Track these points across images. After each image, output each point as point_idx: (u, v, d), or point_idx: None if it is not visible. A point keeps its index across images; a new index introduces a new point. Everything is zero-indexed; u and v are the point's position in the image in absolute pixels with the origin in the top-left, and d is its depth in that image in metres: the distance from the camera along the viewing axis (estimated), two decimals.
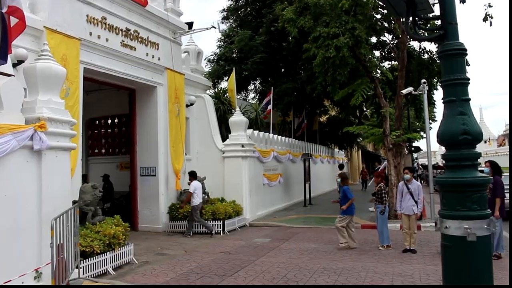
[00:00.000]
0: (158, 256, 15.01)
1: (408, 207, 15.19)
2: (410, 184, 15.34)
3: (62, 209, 10.58)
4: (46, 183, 10.77)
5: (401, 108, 23.80)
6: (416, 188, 15.29)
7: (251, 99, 45.49)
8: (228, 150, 22.91)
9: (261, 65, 36.95)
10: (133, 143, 21.10)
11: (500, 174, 14.12)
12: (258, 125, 30.08)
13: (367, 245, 16.02)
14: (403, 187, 15.42)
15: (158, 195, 20.28)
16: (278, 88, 36.15)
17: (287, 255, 14.72)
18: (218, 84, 40.91)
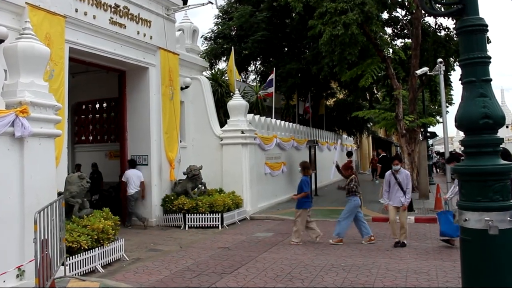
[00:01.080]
0: (151, 252, 15.05)
1: (396, 198, 15.44)
2: (398, 174, 15.54)
3: (46, 201, 10.56)
4: (28, 173, 10.75)
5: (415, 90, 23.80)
6: (405, 177, 15.51)
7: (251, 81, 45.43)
8: (227, 137, 22.90)
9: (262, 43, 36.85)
10: (123, 130, 21.09)
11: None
12: (259, 110, 30.01)
13: (379, 240, 16.03)
14: (391, 177, 15.61)
15: (150, 186, 20.28)
16: (281, 69, 36.04)
17: (291, 250, 14.75)
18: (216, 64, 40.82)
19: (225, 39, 39.59)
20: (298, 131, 32.43)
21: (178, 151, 21.36)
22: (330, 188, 35.72)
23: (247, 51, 38.45)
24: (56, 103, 11.76)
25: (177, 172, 20.99)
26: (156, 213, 20.19)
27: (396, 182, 15.44)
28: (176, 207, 19.64)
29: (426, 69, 22.05)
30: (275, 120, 28.11)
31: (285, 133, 29.28)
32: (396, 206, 15.46)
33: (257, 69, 44.91)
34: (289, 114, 40.52)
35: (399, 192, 15.41)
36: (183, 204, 19.45)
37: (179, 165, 21.19)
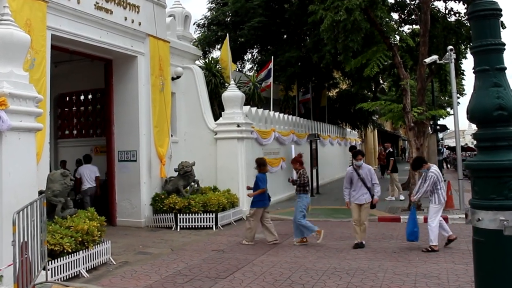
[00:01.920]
0: (139, 255, 15.02)
1: (360, 196, 15.58)
2: (361, 169, 15.70)
3: (26, 200, 10.51)
4: (7, 170, 10.69)
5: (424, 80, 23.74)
6: (368, 172, 15.70)
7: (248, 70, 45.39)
8: (222, 131, 22.87)
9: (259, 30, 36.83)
10: (110, 123, 21.05)
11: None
12: (256, 101, 29.96)
13: (385, 241, 16.04)
14: (353, 173, 15.75)
15: (139, 184, 20.27)
16: (280, 58, 35.99)
17: (291, 253, 14.75)
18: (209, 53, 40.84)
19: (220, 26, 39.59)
20: (299, 124, 32.41)
21: (169, 146, 21.34)
22: (333, 186, 35.77)
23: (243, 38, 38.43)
24: (37, 95, 11.70)
25: (168, 169, 20.96)
26: (145, 213, 20.17)
27: (359, 178, 15.58)
28: (167, 207, 19.58)
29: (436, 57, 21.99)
30: (274, 113, 28.07)
31: (284, 127, 29.26)
32: (360, 204, 15.62)
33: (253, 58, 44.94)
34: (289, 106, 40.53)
35: (362, 188, 15.57)
36: (175, 203, 19.41)
37: (170, 161, 21.16)
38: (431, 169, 15.18)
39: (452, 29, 26.32)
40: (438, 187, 14.98)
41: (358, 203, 15.58)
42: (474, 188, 5.61)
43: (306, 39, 38.69)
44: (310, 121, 36.40)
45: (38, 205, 10.65)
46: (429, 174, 15.00)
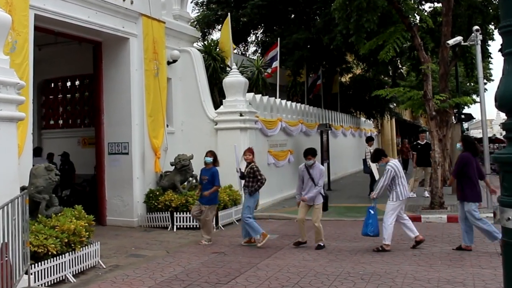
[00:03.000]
0: (132, 258, 15.02)
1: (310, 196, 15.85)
2: (312, 169, 15.93)
3: (6, 197, 10.51)
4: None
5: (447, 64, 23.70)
6: (318, 173, 15.92)
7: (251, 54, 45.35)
8: (222, 120, 22.87)
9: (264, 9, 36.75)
10: (99, 112, 21.04)
11: (475, 151, 15.44)
12: (260, 88, 29.93)
13: (404, 243, 15.99)
14: (304, 172, 16.04)
15: (131, 179, 20.29)
16: (287, 40, 35.92)
17: (300, 256, 14.72)
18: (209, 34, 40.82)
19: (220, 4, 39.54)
20: (308, 113, 32.37)
21: (165, 137, 21.34)
22: (346, 181, 35.78)
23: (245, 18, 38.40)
24: (19, 81, 11.69)
25: (163, 163, 20.98)
26: (138, 212, 20.20)
27: (309, 177, 15.84)
28: (162, 204, 19.60)
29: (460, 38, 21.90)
30: (280, 100, 28.06)
31: (292, 116, 29.25)
32: (309, 204, 15.94)
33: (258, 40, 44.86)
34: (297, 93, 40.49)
35: (313, 188, 15.79)
36: (171, 200, 19.42)
37: (165, 154, 21.17)
38: (389, 163, 15.49)
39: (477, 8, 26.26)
40: (397, 183, 15.23)
41: (308, 204, 15.94)
42: (503, 184, 5.57)
43: (316, 19, 38.67)
44: (320, 109, 36.37)
45: (20, 202, 10.65)
46: (387, 167, 15.34)
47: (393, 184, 15.21)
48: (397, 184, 15.18)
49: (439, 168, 21.24)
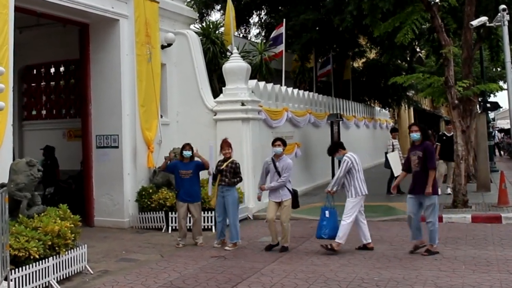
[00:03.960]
0: (122, 262, 15.04)
1: (276, 192, 15.97)
2: (278, 161, 16.05)
3: None
4: None
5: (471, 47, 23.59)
6: (285, 166, 16.04)
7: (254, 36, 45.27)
8: (222, 110, 22.82)
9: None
10: (86, 102, 21.01)
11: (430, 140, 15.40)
12: (264, 74, 29.82)
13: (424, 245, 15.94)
14: (270, 165, 16.15)
15: (122, 176, 20.28)
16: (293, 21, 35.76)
17: (308, 260, 14.70)
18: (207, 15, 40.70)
19: None
20: (317, 102, 32.30)
21: (158, 129, 21.32)
22: None
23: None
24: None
25: (156, 157, 20.95)
26: (130, 211, 20.20)
27: (275, 171, 15.91)
28: (156, 203, 19.58)
29: (485, 18, 21.76)
30: (286, 88, 28.00)
31: (300, 105, 29.20)
32: (276, 201, 15.97)
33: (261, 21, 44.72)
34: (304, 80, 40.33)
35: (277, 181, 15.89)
36: (165, 199, 19.40)
37: (159, 148, 21.14)
38: (346, 154, 15.74)
39: None
40: (355, 177, 15.44)
41: (275, 201, 15.99)
42: None
43: None
44: (331, 98, 36.29)
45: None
46: (343, 158, 15.58)
47: (351, 178, 15.40)
48: (355, 178, 15.38)
49: (462, 162, 21.17)
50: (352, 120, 40.52)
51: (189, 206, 16.97)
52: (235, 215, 16.64)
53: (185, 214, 17.13)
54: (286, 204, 15.83)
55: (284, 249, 15.67)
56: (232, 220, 16.56)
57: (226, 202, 16.54)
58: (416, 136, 15.08)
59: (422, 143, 15.03)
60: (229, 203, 16.54)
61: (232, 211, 16.58)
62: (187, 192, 16.95)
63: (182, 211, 17.06)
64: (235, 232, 16.56)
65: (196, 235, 17.08)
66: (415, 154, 14.99)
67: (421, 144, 15.02)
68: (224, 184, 16.59)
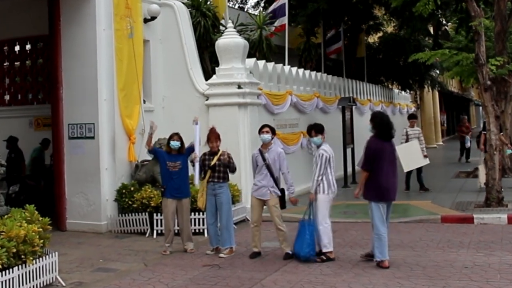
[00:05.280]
0: (99, 273, 15.00)
1: (263, 188, 15.87)
2: (268, 152, 15.97)
3: None
4: None
5: (505, 19, 23.55)
6: (276, 157, 15.94)
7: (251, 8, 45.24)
8: (216, 94, 22.79)
9: None
10: (57, 85, 20.93)
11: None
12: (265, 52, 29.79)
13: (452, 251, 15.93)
14: (258, 157, 16.07)
15: (99, 171, 20.25)
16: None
17: (317, 269, 14.64)
18: None
19: None
20: (326, 84, 32.28)
21: (141, 116, 21.29)
22: None
23: None
24: None
25: (139, 149, 20.95)
26: (108, 213, 20.19)
27: (264, 164, 15.82)
28: (139, 203, 19.52)
29: None
30: (290, 68, 27.98)
31: (305, 88, 29.20)
32: (263, 199, 15.89)
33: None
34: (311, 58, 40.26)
35: (267, 179, 15.79)
36: (149, 198, 19.37)
37: (142, 138, 21.06)
38: (322, 146, 15.47)
39: None
40: (329, 171, 15.28)
41: (261, 198, 15.91)
42: None
43: None
44: (342, 79, 36.28)
45: None
46: (320, 152, 15.31)
47: (324, 172, 15.21)
48: (329, 172, 15.24)
49: (496, 153, 21.09)
50: (367, 105, 40.52)
51: (178, 205, 16.94)
52: (228, 216, 16.57)
53: (174, 215, 17.07)
54: (273, 203, 15.79)
55: (288, 256, 15.57)
56: (225, 222, 16.47)
57: (218, 201, 16.44)
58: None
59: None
60: (221, 202, 16.45)
61: (225, 211, 16.50)
62: (176, 186, 16.89)
63: (170, 210, 16.97)
64: (228, 236, 16.47)
65: (186, 240, 17.00)
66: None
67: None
68: (215, 181, 16.49)
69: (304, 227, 15.24)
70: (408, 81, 51.30)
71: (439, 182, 29.11)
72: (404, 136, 26.26)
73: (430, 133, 62.93)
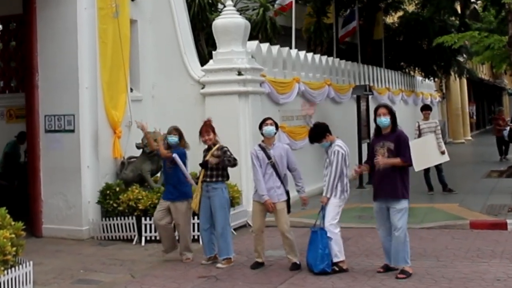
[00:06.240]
0: (80, 285, 15.03)
1: (270, 190, 15.68)
2: (272, 148, 15.88)
3: None
4: None
5: None
6: (283, 153, 15.86)
7: None
8: (213, 82, 22.81)
9: None
10: (32, 71, 20.95)
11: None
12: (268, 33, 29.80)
13: (483, 261, 15.91)
14: (260, 153, 15.93)
15: (79, 169, 20.24)
16: None
17: (328, 281, 14.61)
18: None
19: None
20: (338, 71, 32.30)
21: (128, 107, 21.28)
22: None
23: None
24: None
25: (125, 144, 20.98)
26: (90, 217, 20.19)
27: (268, 162, 15.69)
28: (125, 206, 19.50)
29: None
30: (297, 52, 27.98)
31: (315, 74, 29.22)
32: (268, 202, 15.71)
33: None
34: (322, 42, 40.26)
35: (272, 179, 15.66)
36: (137, 200, 19.34)
37: (129, 132, 21.10)
38: (336, 143, 15.31)
39: None
40: (345, 173, 15.15)
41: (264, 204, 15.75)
42: None
43: None
44: (356, 65, 36.30)
45: None
46: (335, 149, 15.10)
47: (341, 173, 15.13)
48: (344, 175, 15.11)
49: None
50: (386, 94, 40.52)
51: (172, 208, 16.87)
52: (224, 223, 16.35)
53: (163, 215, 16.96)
54: (281, 207, 15.63)
55: (295, 266, 15.51)
56: (221, 229, 16.26)
57: (212, 204, 16.30)
58: (385, 122, 14.86)
59: (394, 131, 14.95)
60: (214, 206, 16.27)
61: (219, 217, 16.27)
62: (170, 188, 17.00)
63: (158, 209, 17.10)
64: (225, 245, 16.28)
65: (183, 250, 16.98)
66: (384, 146, 14.77)
67: (393, 133, 14.93)
68: (207, 180, 16.39)
69: (316, 236, 15.12)
70: (432, 67, 51.32)
71: (468, 182, 29.14)
72: (417, 131, 26.05)
73: (458, 127, 62.94)
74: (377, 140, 15.07)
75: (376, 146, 14.94)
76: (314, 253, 15.01)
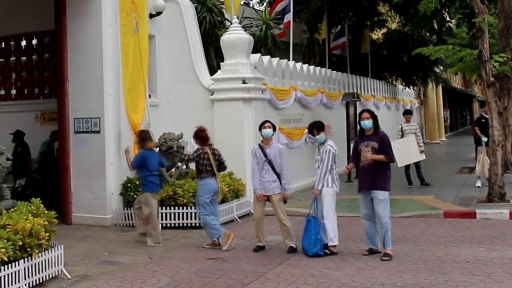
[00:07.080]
0: (105, 266, 14.99)
1: (267, 184, 15.88)
2: (269, 147, 15.99)
3: None
4: None
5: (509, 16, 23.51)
6: (277, 153, 15.92)
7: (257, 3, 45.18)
8: (221, 89, 22.80)
9: None
10: (63, 80, 20.88)
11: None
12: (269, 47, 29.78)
13: (454, 246, 15.91)
14: (258, 151, 16.09)
15: (104, 165, 20.20)
16: None
17: (320, 263, 14.62)
18: None
19: None
20: (330, 80, 32.25)
21: (146, 111, 21.24)
22: None
23: None
24: None
25: None
26: (113, 206, 20.17)
27: (265, 160, 15.82)
28: None
29: None
30: (294, 64, 27.94)
31: (310, 83, 29.17)
32: (265, 194, 15.91)
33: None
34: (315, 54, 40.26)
35: (269, 174, 15.79)
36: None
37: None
38: (328, 142, 15.55)
39: None
40: (333, 167, 15.39)
41: (264, 194, 15.89)
42: None
43: None
44: (346, 75, 36.24)
45: None
46: (327, 148, 15.39)
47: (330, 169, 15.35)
48: (333, 168, 15.38)
49: (499, 149, 21.08)
50: (371, 101, 40.43)
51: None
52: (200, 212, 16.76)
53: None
54: (277, 199, 15.80)
55: (291, 249, 15.62)
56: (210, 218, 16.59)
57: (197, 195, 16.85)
58: (368, 125, 15.11)
59: (377, 133, 15.21)
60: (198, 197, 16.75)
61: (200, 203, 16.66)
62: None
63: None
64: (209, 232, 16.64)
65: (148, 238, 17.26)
66: (368, 145, 15.01)
67: (376, 134, 15.18)
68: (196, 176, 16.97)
69: (310, 223, 15.32)
70: (412, 77, 51.24)
71: (442, 177, 29.15)
72: (400, 132, 26.34)
73: (434, 129, 62.99)
74: (362, 140, 15.37)
75: (360, 146, 15.18)
76: (308, 238, 15.17)
